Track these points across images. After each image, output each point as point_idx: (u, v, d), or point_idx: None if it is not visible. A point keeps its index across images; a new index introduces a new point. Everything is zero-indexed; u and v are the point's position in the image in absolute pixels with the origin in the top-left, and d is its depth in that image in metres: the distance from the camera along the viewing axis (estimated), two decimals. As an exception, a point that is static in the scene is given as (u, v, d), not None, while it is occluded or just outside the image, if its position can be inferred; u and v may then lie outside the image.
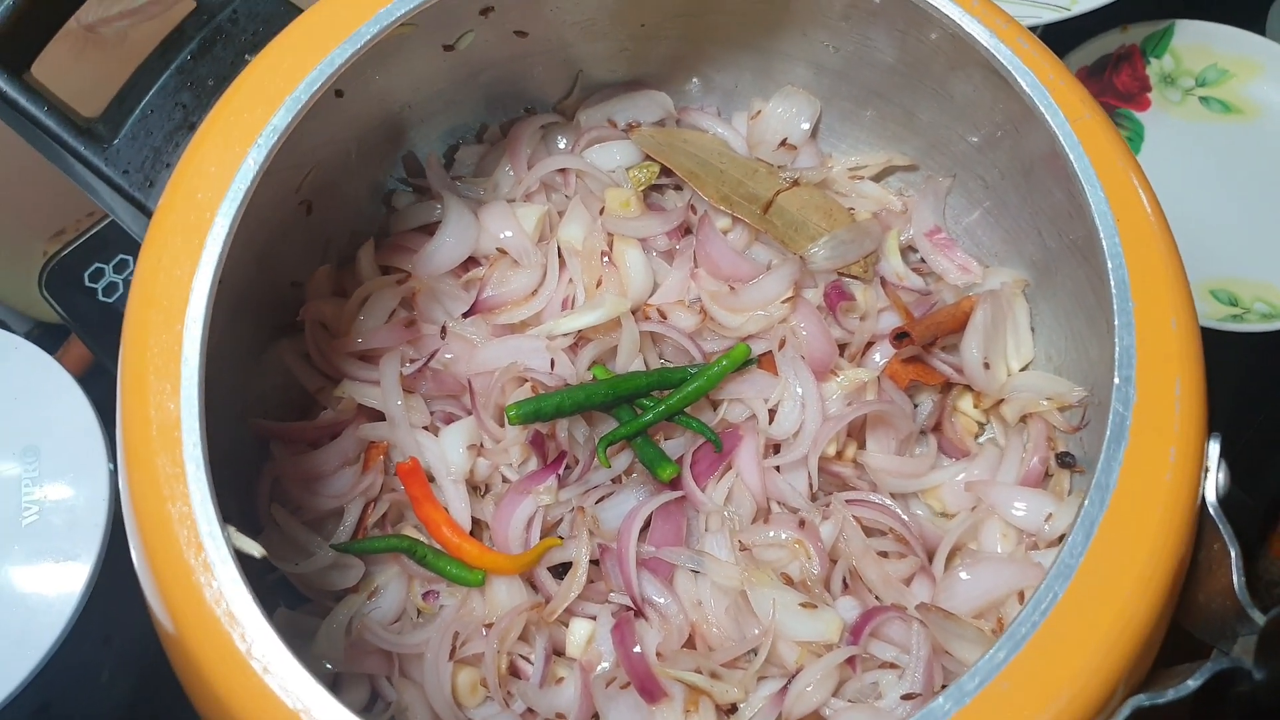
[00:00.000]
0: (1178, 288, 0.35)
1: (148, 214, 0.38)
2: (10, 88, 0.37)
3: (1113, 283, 0.34)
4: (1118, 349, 0.33)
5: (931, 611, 0.38)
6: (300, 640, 0.38)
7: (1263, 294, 0.57)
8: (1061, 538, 0.40)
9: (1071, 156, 0.36)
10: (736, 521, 0.42)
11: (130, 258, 0.58)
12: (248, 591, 0.29)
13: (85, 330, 0.57)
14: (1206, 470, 0.33)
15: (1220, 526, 0.33)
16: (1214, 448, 0.33)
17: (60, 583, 0.41)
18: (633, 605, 0.40)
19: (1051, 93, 0.37)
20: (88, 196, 0.41)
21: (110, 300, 0.57)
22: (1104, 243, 0.35)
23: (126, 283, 0.57)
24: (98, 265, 0.58)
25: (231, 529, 0.30)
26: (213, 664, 0.29)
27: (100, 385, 0.46)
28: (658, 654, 0.38)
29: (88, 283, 0.58)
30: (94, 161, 0.37)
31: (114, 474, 0.43)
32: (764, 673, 0.39)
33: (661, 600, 0.40)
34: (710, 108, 0.52)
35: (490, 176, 0.50)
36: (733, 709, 0.39)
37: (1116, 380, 0.33)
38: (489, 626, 0.40)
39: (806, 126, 0.50)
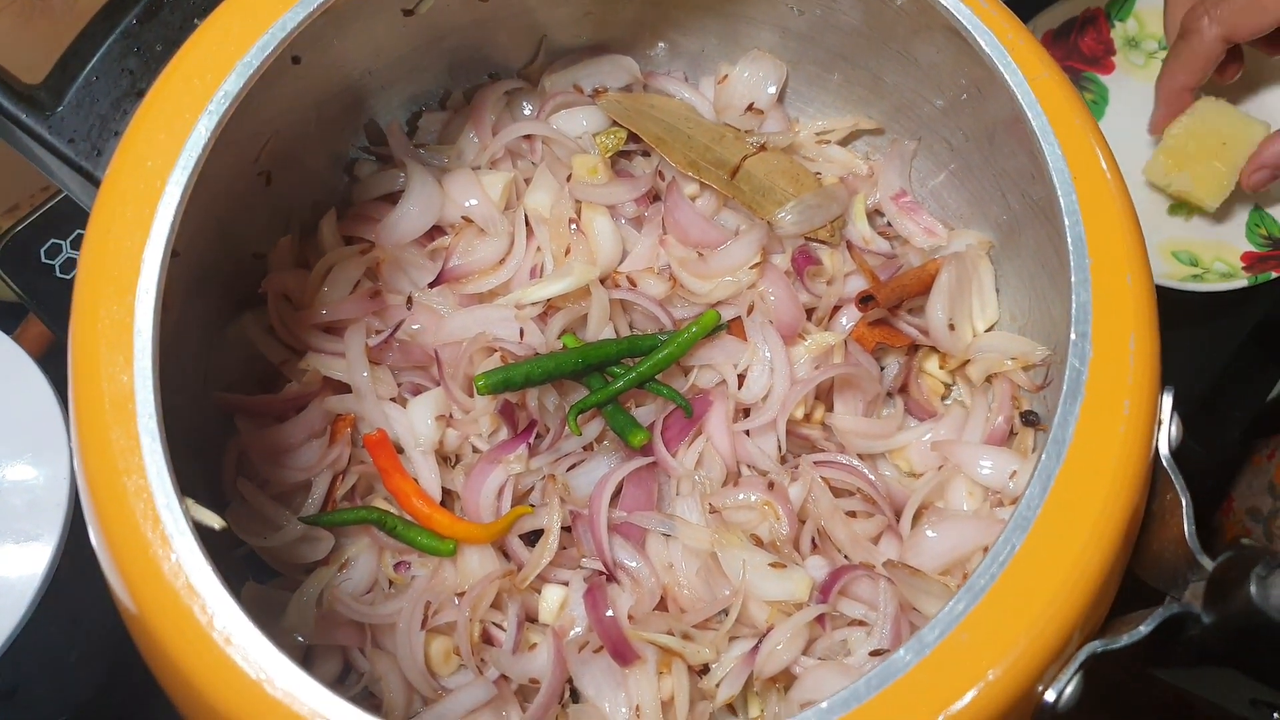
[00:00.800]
0: (1133, 244, 0.35)
1: (96, 183, 0.37)
2: (-58, 52, 0.36)
3: (1070, 239, 0.35)
4: (1074, 305, 0.34)
5: (899, 569, 0.39)
6: (270, 615, 0.38)
7: (1222, 254, 0.58)
8: (1025, 494, 0.41)
9: (1030, 115, 0.36)
10: (707, 485, 0.42)
11: (87, 234, 0.56)
12: (207, 563, 0.29)
13: (43, 308, 0.56)
14: (1160, 423, 0.34)
15: (1173, 477, 0.33)
16: (1167, 401, 0.34)
17: (22, 564, 0.41)
18: (605, 570, 0.40)
19: (1010, 52, 0.37)
20: (37, 169, 0.40)
21: (68, 277, 0.56)
22: (1061, 200, 0.35)
23: (84, 260, 0.56)
24: (54, 241, 0.57)
25: (190, 501, 0.30)
26: (173, 638, 0.28)
27: (61, 364, 0.44)
28: (630, 617, 0.39)
29: (44, 259, 0.56)
30: (36, 129, 0.36)
31: (75, 453, 0.42)
32: (735, 633, 0.39)
33: (633, 564, 0.40)
34: (677, 72, 0.52)
35: (454, 144, 0.49)
36: (705, 669, 0.40)
37: (1073, 336, 0.33)
38: (461, 595, 0.40)
39: (773, 91, 0.50)
